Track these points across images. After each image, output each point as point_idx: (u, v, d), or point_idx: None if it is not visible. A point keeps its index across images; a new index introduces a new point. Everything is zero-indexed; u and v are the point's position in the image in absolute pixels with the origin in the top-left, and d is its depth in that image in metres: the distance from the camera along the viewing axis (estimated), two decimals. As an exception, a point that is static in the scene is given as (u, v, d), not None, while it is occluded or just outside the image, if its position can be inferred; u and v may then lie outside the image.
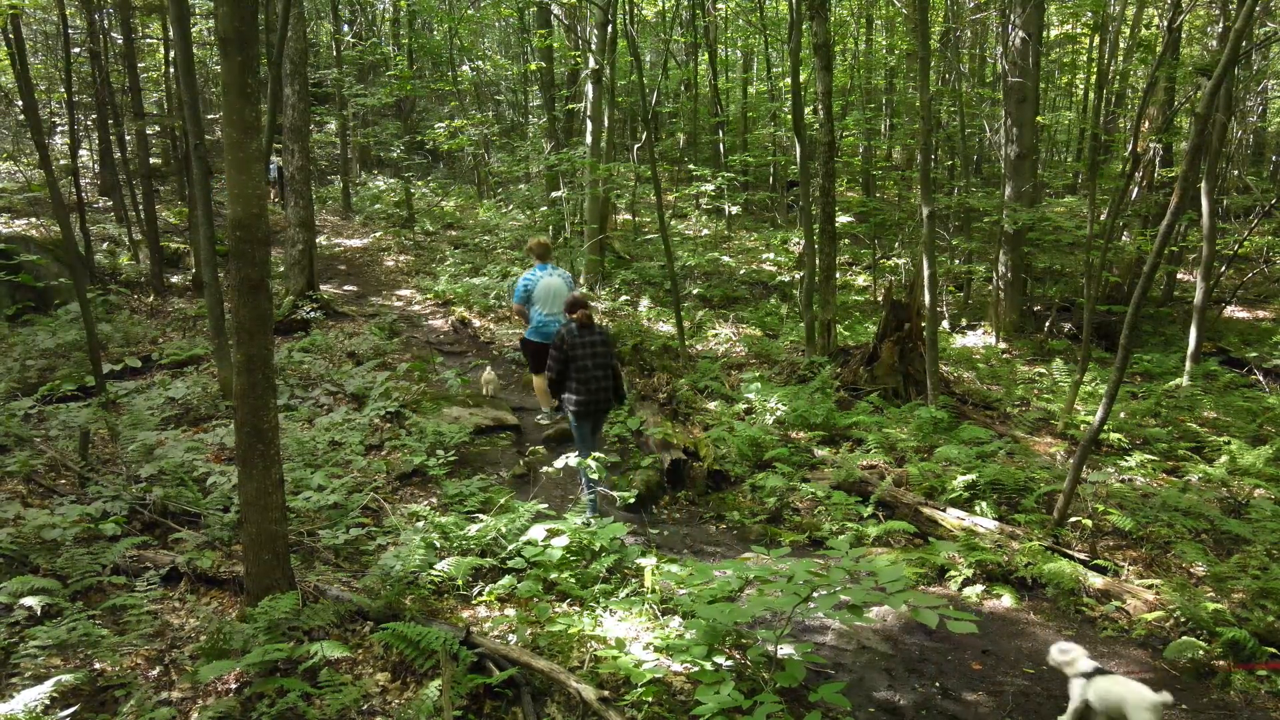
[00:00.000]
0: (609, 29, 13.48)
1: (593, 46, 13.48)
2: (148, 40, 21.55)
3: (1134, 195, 14.06)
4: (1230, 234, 15.04)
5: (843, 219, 13.97)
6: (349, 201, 21.25)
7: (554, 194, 12.74)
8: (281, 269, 12.31)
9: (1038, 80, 12.91)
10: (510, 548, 5.00)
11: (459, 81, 21.07)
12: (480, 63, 19.90)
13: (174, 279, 13.78)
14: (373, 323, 11.02)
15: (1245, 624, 4.48)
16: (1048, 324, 12.95)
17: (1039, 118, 15.15)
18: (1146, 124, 15.12)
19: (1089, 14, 14.01)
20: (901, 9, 17.62)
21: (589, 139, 13.71)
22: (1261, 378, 10.67)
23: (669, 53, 19.57)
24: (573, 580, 4.67)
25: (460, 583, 4.64)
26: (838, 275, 16.88)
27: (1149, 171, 14.71)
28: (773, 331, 12.27)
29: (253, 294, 4.20)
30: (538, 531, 4.97)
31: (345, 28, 23.39)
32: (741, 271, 14.52)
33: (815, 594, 3.50)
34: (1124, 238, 15.74)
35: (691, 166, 16.53)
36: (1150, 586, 5.08)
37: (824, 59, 9.74)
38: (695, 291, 13.36)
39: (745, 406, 8.70)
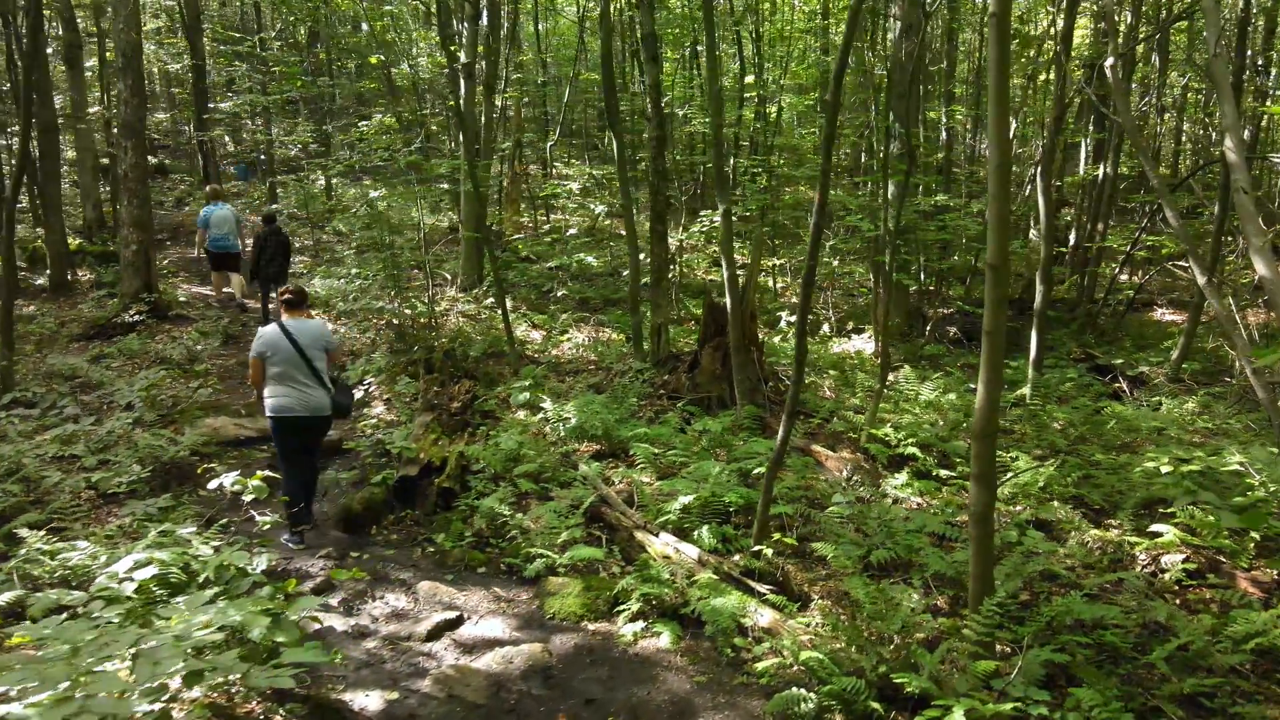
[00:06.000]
0: (481, 22, 13.05)
1: (463, 41, 13.03)
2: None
3: (1027, 192, 13.49)
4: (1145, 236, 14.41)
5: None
6: (274, 200, 20.90)
7: (373, 194, 12.29)
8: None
9: (918, 73, 12.33)
10: (98, 580, 4.55)
11: (392, 80, 20.70)
12: (402, 63, 19.47)
13: (39, 280, 13.45)
14: (196, 326, 10.63)
15: (860, 674, 3.99)
16: (928, 328, 12.41)
17: (933, 114, 14.62)
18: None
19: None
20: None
21: (463, 135, 13.25)
22: (1125, 385, 10.10)
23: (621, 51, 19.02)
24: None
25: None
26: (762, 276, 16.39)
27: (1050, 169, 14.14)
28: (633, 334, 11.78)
29: None
30: (124, 563, 4.53)
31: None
32: (625, 273, 14.01)
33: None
34: (1031, 235, 15.18)
35: (558, 164, 16.04)
36: (809, 625, 4.59)
37: (650, 50, 9.25)
38: (562, 293, 12.89)
39: (542, 416, 8.24)
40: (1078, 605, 4.64)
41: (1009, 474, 6.52)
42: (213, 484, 5.36)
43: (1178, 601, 5.00)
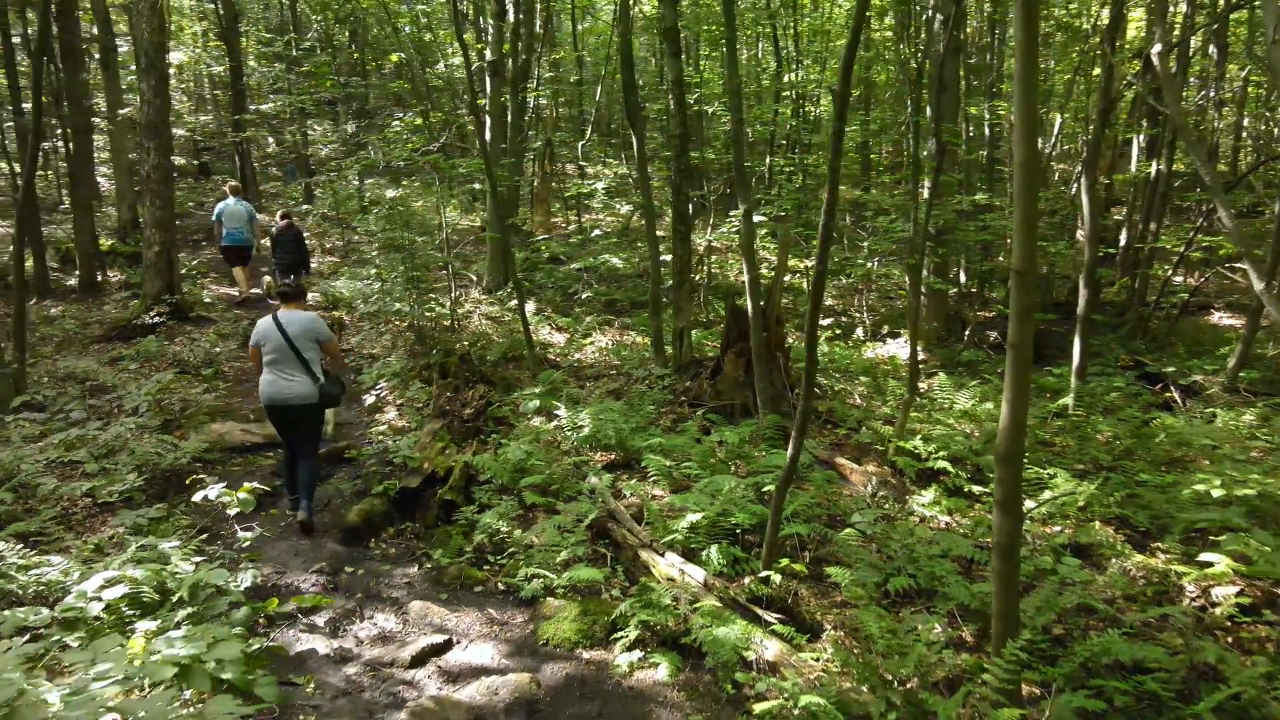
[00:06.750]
0: (507, 18, 12.84)
1: (488, 38, 12.82)
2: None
3: (1073, 191, 12.88)
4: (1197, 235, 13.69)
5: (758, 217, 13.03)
6: (311, 200, 20.94)
7: (389, 193, 12.10)
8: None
9: (957, 68, 11.82)
10: (67, 599, 4.36)
11: (420, 78, 20.61)
12: (438, 62, 19.37)
13: (69, 281, 13.53)
14: (216, 328, 10.53)
15: (860, 719, 3.63)
16: (967, 333, 11.89)
17: (974, 110, 14.07)
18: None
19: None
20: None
21: (488, 134, 13.03)
22: (1177, 395, 9.51)
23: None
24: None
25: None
26: (793, 278, 15.98)
27: (1099, 165, 13.48)
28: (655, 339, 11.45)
29: None
30: (94, 581, 4.33)
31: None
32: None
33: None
34: (1078, 235, 14.53)
35: (584, 163, 15.73)
36: (818, 659, 4.24)
37: (672, 45, 8.93)
38: (587, 295, 12.60)
39: (556, 424, 7.96)
40: (1116, 644, 4.21)
41: (1045, 493, 6.07)
42: (198, 496, 5.18)
43: (1229, 640, 4.54)
